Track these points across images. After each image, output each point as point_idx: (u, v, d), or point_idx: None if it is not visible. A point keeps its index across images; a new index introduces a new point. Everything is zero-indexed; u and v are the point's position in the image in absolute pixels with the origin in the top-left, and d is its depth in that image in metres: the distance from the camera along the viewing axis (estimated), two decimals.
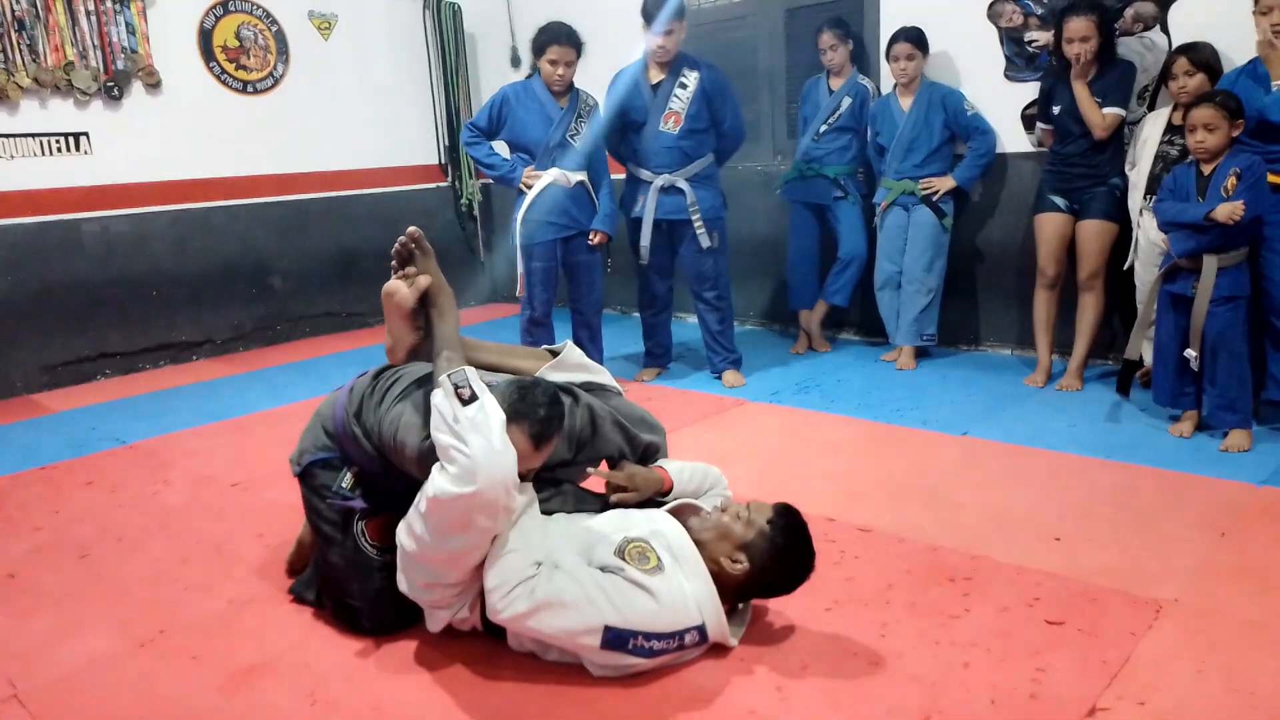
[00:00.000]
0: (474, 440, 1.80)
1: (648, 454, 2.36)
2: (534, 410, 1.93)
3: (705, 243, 4.16)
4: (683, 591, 1.94)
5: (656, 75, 4.11)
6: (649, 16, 3.97)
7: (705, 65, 4.14)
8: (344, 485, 2.19)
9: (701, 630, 1.96)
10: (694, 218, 4.13)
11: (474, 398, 1.86)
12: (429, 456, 1.91)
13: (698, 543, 2.02)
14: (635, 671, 1.94)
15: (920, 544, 2.56)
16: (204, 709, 1.97)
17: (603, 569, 1.92)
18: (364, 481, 2.20)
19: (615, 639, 1.86)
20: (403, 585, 2.03)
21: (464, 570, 1.94)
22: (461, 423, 1.82)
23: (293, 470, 2.30)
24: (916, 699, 1.86)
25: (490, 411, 1.86)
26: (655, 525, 2.06)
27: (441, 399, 1.88)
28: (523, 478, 1.99)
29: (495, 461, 1.80)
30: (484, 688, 1.98)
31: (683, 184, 4.12)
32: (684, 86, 4.07)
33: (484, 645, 2.10)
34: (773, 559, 2.00)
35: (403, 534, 1.96)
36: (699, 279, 4.27)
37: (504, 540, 1.91)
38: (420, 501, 1.89)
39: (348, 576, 2.18)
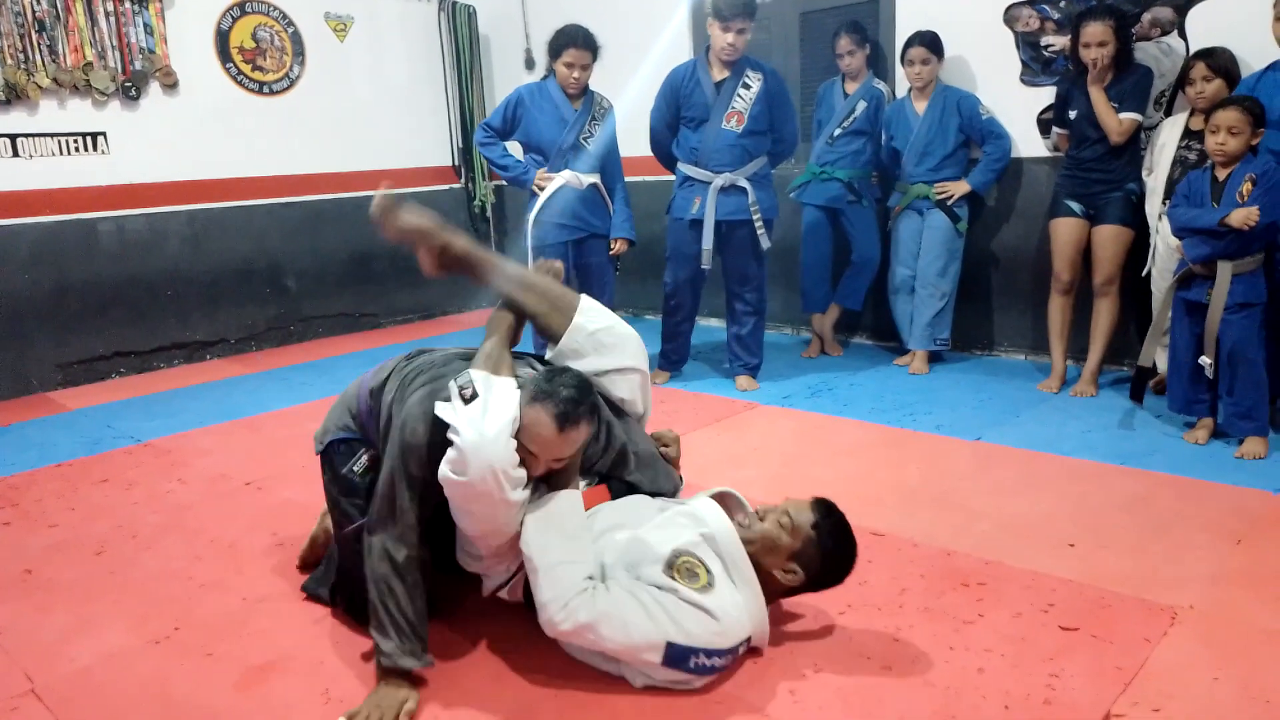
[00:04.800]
0: (466, 433, 1.85)
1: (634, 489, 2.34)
2: (556, 392, 1.92)
3: (765, 243, 4.11)
4: (736, 604, 1.93)
5: (719, 73, 4.04)
6: (721, 13, 3.87)
7: (769, 70, 4.09)
8: (356, 469, 2.20)
9: (748, 639, 1.97)
10: (755, 218, 4.06)
11: (474, 396, 1.92)
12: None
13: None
14: (689, 686, 1.92)
15: (934, 549, 2.56)
16: (219, 705, 1.98)
17: (656, 588, 1.90)
18: (378, 466, 2.17)
19: (678, 655, 1.85)
20: (459, 557, 2.14)
21: (488, 548, 2.02)
22: (459, 416, 1.88)
23: (315, 448, 2.32)
24: (930, 704, 1.86)
25: (491, 406, 1.90)
26: (704, 526, 2.01)
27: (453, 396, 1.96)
28: (553, 475, 2.01)
29: (484, 452, 1.83)
30: (497, 686, 1.99)
31: (744, 183, 4.05)
32: (747, 87, 4.00)
33: (498, 643, 2.11)
34: (824, 564, 2.01)
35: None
36: (742, 280, 4.22)
37: (550, 547, 1.92)
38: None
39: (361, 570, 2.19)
